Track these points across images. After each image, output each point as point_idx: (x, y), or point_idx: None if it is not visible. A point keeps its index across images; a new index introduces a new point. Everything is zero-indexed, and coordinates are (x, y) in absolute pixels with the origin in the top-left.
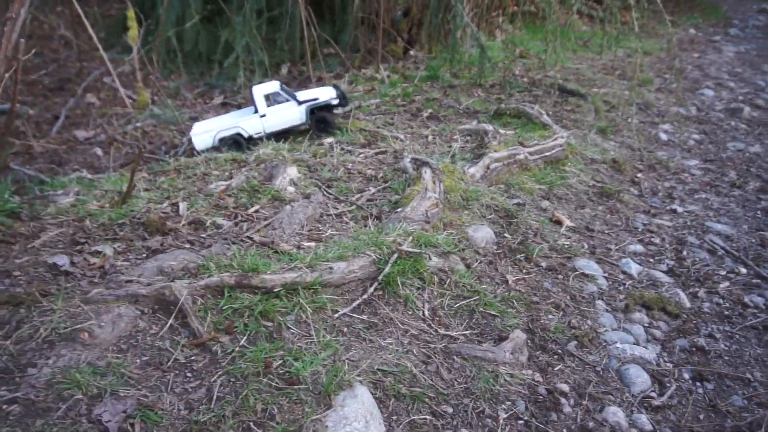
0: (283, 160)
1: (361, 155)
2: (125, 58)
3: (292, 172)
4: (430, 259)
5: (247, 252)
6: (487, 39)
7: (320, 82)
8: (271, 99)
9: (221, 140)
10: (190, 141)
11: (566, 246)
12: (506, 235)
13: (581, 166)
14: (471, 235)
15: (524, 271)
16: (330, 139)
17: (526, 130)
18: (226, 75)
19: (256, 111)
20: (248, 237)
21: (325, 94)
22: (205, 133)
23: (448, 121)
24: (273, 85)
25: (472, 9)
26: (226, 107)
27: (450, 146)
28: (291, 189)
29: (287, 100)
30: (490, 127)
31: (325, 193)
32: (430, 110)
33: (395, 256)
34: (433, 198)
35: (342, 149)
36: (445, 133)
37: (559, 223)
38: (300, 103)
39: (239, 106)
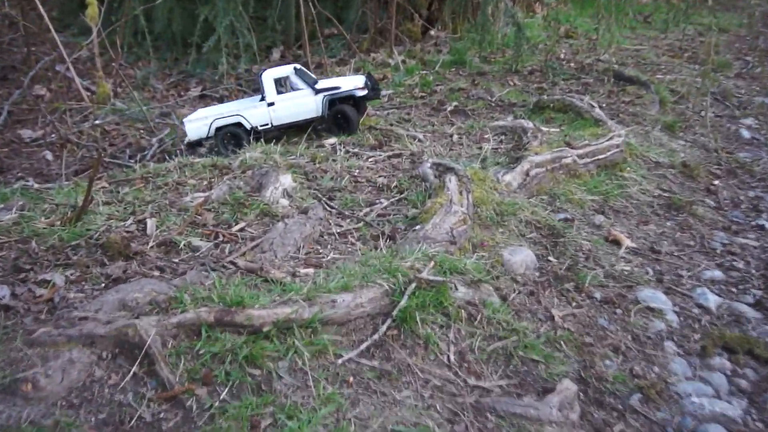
0: (275, 166)
1: (370, 159)
2: (82, 41)
3: (286, 180)
4: (457, 289)
5: (229, 281)
6: (525, 15)
7: (320, 68)
8: (285, 85)
9: (218, 130)
10: (160, 143)
11: (626, 272)
12: (551, 258)
13: (643, 172)
14: (507, 259)
15: (574, 304)
16: (332, 140)
17: (574, 128)
18: (205, 61)
19: (263, 98)
20: (231, 262)
21: (350, 83)
22: (199, 120)
23: (477, 116)
24: (285, 69)
25: None
26: (205, 100)
27: (480, 148)
28: (284, 202)
29: (304, 88)
30: (529, 124)
31: (326, 206)
32: (455, 103)
33: (413, 285)
34: (460, 212)
35: (347, 152)
36: (474, 131)
37: (616, 243)
38: (317, 91)
39: (221, 99)
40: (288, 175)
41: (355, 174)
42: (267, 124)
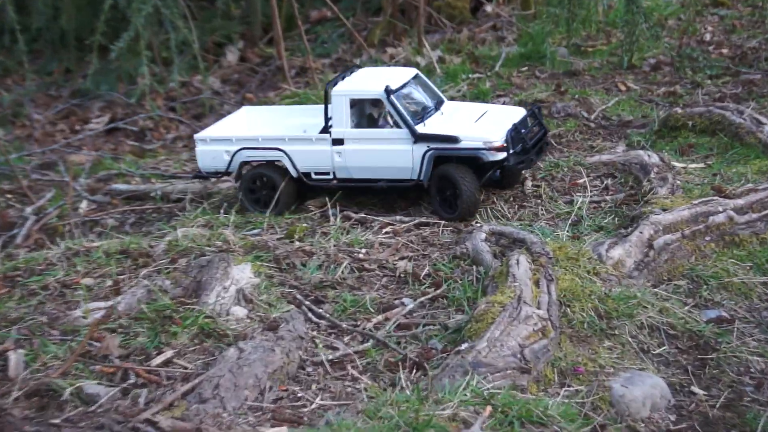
0: (225, 251)
1: (386, 230)
2: None
3: (243, 274)
4: None
5: None
6: None
7: (303, 76)
8: (377, 111)
9: (245, 167)
10: (38, 215)
11: None
12: (695, 389)
13: None
14: (620, 395)
15: None
16: (321, 201)
17: (729, 160)
18: (114, 73)
19: (327, 126)
20: (149, 420)
21: (484, 128)
22: (218, 143)
23: (565, 146)
24: (382, 83)
25: None
26: (115, 135)
27: (570, 202)
28: (239, 312)
29: (407, 119)
30: (653, 157)
31: (310, 315)
32: None
33: None
34: (536, 317)
35: (347, 219)
36: (561, 173)
37: None
38: (417, 137)
39: (142, 132)
40: (246, 265)
41: (361, 256)
42: (327, 173)
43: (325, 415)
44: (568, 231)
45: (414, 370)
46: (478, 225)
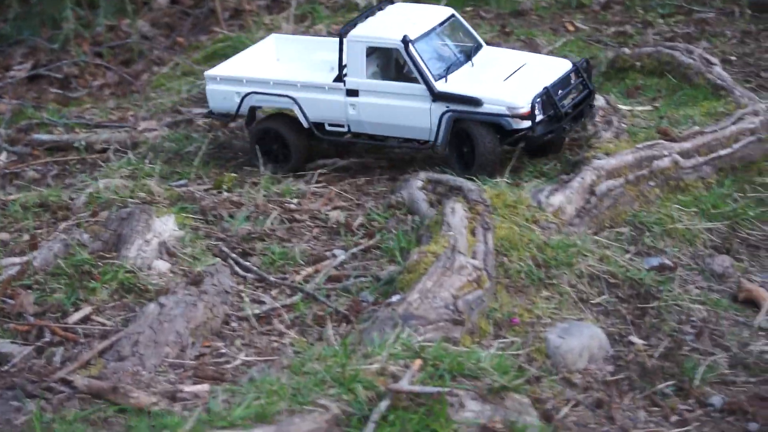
0: (149, 203)
1: (319, 179)
2: None
3: (166, 227)
4: (463, 406)
5: (59, 415)
6: None
7: (238, 19)
8: (396, 61)
9: (253, 113)
10: None
11: None
12: (634, 339)
13: None
14: (556, 345)
15: (675, 419)
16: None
17: (677, 102)
18: (36, 17)
19: (341, 75)
20: (64, 380)
21: (511, 89)
22: (227, 82)
23: None
24: (406, 25)
25: None
26: (39, 84)
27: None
28: (161, 266)
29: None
30: (599, 100)
31: (236, 268)
32: None
33: (384, 405)
34: (470, 267)
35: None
36: None
37: (752, 303)
38: (436, 95)
39: (67, 80)
40: (170, 216)
41: (292, 207)
42: (341, 125)
43: (248, 371)
44: (505, 177)
45: (343, 324)
46: (415, 172)
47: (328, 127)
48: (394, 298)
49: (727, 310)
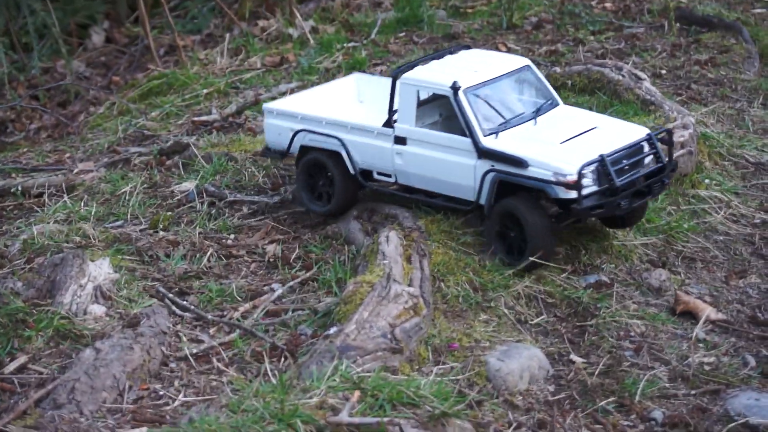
0: (84, 247)
1: (255, 213)
2: None
3: (101, 270)
4: None
5: None
6: None
7: (172, 55)
8: (450, 110)
9: (304, 152)
10: None
11: (708, 367)
12: (574, 357)
13: (732, 184)
14: (496, 368)
15: None
16: (187, 185)
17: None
18: None
19: (391, 120)
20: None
21: (565, 152)
22: (282, 117)
23: None
24: (464, 71)
25: None
26: None
27: None
28: (97, 310)
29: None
30: None
31: (173, 308)
32: None
33: None
34: (405, 295)
35: (213, 203)
36: None
37: (689, 315)
38: (481, 151)
39: (3, 124)
40: (105, 260)
41: (230, 243)
42: (389, 173)
43: (187, 412)
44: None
45: (283, 359)
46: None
47: (376, 176)
48: (332, 330)
49: (666, 324)
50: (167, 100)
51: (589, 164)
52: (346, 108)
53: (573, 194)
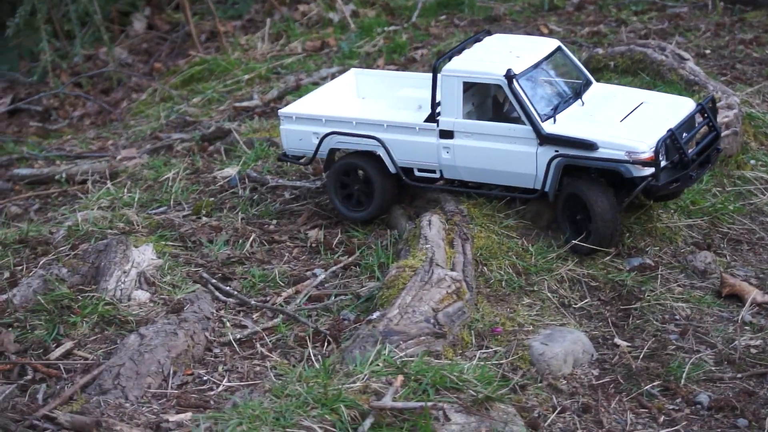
0: (127, 233)
1: (297, 197)
2: None
3: (144, 256)
4: (448, 419)
5: None
6: None
7: (213, 41)
8: (495, 99)
9: (334, 155)
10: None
11: (756, 350)
12: (619, 341)
13: None
14: (539, 353)
15: (662, 419)
16: (228, 171)
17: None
18: (13, 51)
19: (434, 114)
20: (47, 416)
21: (630, 130)
22: (304, 121)
23: None
24: (509, 58)
25: None
26: (18, 117)
27: None
28: (141, 296)
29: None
30: None
31: (217, 294)
32: None
33: (368, 423)
34: (449, 279)
35: (255, 188)
36: None
37: (736, 298)
38: (543, 138)
39: (47, 112)
40: (148, 246)
41: (271, 229)
42: (433, 171)
43: (231, 397)
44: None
45: (326, 344)
46: None
47: (417, 173)
48: (375, 315)
49: (711, 307)
50: (209, 86)
51: (662, 139)
52: (349, 106)
53: (646, 171)
